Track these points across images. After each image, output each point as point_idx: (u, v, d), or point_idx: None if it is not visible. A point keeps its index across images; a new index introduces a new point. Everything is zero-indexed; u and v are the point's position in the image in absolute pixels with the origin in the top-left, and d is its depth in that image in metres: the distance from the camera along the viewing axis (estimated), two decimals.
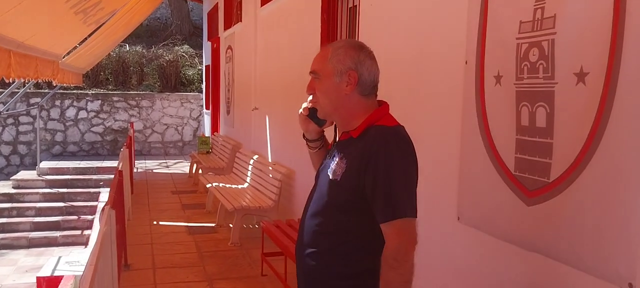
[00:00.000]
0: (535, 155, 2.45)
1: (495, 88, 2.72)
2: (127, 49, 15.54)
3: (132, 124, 12.90)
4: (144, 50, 15.83)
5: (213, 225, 6.91)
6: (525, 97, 2.50)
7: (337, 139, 2.16)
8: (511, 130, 2.59)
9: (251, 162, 7.35)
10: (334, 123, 2.14)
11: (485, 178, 2.79)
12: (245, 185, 7.28)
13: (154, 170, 11.85)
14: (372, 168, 1.87)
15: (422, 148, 3.39)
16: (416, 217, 1.90)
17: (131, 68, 14.98)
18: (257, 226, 6.85)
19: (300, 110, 2.17)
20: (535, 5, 2.43)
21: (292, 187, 6.19)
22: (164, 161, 13.20)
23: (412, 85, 3.58)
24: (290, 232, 4.76)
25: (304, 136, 2.29)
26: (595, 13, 2.13)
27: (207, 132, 13.41)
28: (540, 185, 2.42)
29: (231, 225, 6.34)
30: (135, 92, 14.20)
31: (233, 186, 7.24)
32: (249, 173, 7.35)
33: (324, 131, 2.27)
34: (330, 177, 2.01)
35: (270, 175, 6.38)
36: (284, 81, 6.62)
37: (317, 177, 2.19)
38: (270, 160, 7.17)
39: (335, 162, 2.02)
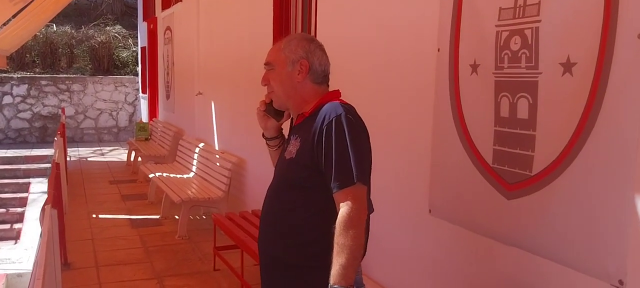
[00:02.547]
0: (516, 148, 2.37)
1: (471, 77, 2.62)
2: (55, 29, 14.65)
3: (63, 109, 12.17)
4: (73, 31, 14.99)
5: (157, 217, 6.57)
6: (505, 87, 2.42)
7: (293, 125, 2.23)
8: (489, 121, 2.51)
9: (197, 150, 7.05)
10: (291, 118, 2.23)
11: (460, 170, 2.70)
12: (191, 174, 6.98)
13: (89, 158, 11.25)
14: (323, 140, 1.94)
15: (391, 139, 3.30)
16: (367, 186, 1.95)
17: (60, 50, 14.15)
18: (204, 217, 6.59)
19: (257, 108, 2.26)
20: None
21: (243, 176, 5.97)
22: (99, 148, 12.58)
23: (379, 74, 3.45)
24: (245, 225, 4.56)
25: (263, 135, 2.36)
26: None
27: (145, 117, 12.88)
28: (522, 178, 2.35)
29: (177, 217, 6.07)
30: (66, 76, 13.43)
31: (178, 176, 6.92)
32: (194, 162, 7.05)
33: (281, 128, 2.33)
34: (287, 158, 2.10)
35: (218, 164, 6.13)
36: (231, 66, 6.34)
37: (276, 167, 2.26)
38: (217, 149, 6.90)
39: (291, 143, 2.10)
